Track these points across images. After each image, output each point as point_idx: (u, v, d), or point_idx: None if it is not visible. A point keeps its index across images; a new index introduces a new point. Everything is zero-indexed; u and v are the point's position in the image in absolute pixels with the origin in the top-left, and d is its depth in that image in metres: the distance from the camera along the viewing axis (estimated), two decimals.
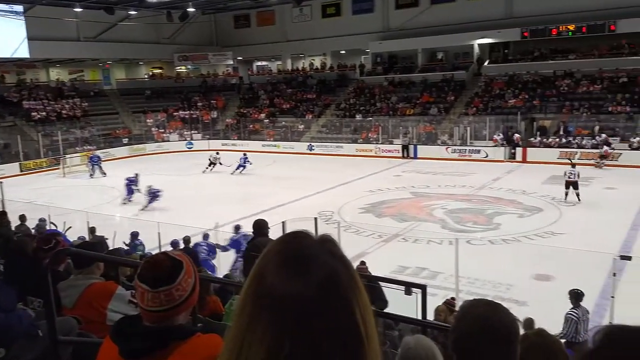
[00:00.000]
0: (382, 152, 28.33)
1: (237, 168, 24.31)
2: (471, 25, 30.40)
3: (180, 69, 42.29)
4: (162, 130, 35.13)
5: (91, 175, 24.78)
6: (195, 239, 11.38)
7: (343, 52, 38.72)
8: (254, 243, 6.18)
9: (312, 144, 31.12)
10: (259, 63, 44.68)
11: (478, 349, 1.13)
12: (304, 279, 0.78)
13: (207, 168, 25.28)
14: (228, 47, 41.09)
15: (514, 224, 14.36)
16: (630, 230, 13.18)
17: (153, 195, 17.19)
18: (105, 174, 24.84)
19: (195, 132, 35.48)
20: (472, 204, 16.85)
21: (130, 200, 18.23)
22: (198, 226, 12.65)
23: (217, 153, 26.36)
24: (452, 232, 13.20)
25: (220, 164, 24.95)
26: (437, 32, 31.33)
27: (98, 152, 27.38)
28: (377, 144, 29.19)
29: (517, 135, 25.26)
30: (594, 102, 25.85)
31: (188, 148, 34.03)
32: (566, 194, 16.37)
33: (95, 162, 25.27)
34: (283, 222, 9.07)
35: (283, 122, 34.34)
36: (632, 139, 22.76)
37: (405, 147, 27.66)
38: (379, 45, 34.61)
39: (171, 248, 9.94)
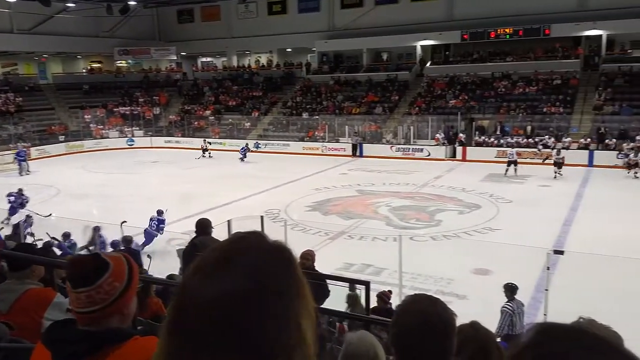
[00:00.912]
0: (328, 151, 28.51)
1: (243, 156, 25.91)
2: (414, 27, 31.12)
3: (121, 63, 40.96)
4: (101, 127, 33.92)
5: (20, 173, 23.56)
6: (138, 239, 11.08)
7: (289, 50, 38.68)
8: (193, 242, 6.08)
9: (259, 141, 30.92)
10: (204, 59, 43.96)
11: (417, 343, 1.16)
12: (225, 280, 0.73)
13: (202, 155, 27.25)
14: (171, 42, 40.18)
15: (454, 220, 14.81)
16: (563, 226, 13.87)
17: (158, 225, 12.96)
18: (29, 172, 23.64)
19: (137, 128, 34.45)
20: (415, 201, 17.25)
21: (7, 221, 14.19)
22: (139, 225, 12.32)
23: (205, 140, 28.56)
24: (396, 229, 13.46)
25: (209, 154, 26.74)
26: (382, 33, 31.88)
27: (25, 148, 25.95)
28: (323, 142, 29.35)
29: (461, 135, 26.06)
30: (530, 103, 27.05)
31: (129, 145, 33.01)
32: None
33: (21, 157, 24.03)
34: (228, 221, 8.96)
35: (230, 120, 33.93)
36: (564, 139, 23.95)
37: (355, 146, 27.82)
38: (324, 44, 34.81)
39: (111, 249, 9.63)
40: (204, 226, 5.79)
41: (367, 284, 4.35)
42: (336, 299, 6.17)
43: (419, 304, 1.29)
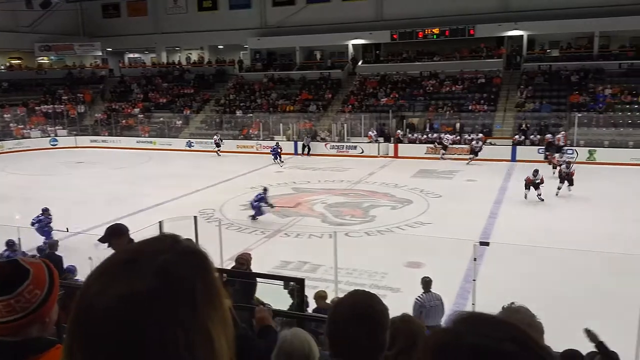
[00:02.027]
0: (263, 149, 28.35)
1: (276, 158, 24.47)
2: (345, 26, 31.56)
3: (42, 59, 38.78)
4: (22, 126, 32.01)
5: None
6: (64, 243, 10.56)
7: (221, 47, 38.11)
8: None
9: (191, 140, 30.28)
10: (131, 55, 42.46)
11: (350, 336, 1.19)
12: (129, 283, 0.70)
13: (217, 151, 27.12)
14: (96, 38, 38.52)
15: (387, 215, 15.18)
16: (489, 219, 14.55)
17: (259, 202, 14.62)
18: None
19: (60, 127, 32.78)
20: (350, 198, 17.52)
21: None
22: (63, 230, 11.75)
23: (217, 135, 28.32)
24: (332, 226, 13.63)
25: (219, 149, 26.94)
26: (314, 31, 32.10)
27: None
28: (258, 140, 29.17)
29: (398, 132, 26.69)
30: (456, 101, 28.14)
31: (52, 145, 31.36)
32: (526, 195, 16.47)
33: None
34: (160, 222, 8.73)
35: (161, 118, 32.98)
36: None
37: (305, 146, 27.25)
38: (257, 41, 34.59)
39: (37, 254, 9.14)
40: (115, 233, 4.62)
41: (301, 281, 4.39)
42: (278, 298, 6.17)
43: (353, 298, 1.33)
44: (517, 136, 24.56)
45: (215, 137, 28.17)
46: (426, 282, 7.59)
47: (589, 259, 10.73)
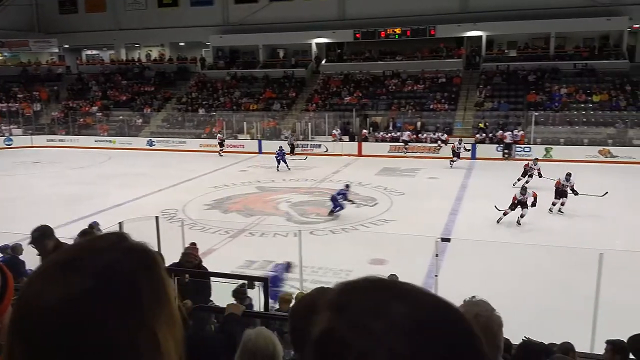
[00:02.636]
0: (227, 147, 28.06)
1: (279, 163, 22.07)
2: (308, 25, 31.58)
3: None
4: None
5: None
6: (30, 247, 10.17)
7: (182, 44, 37.54)
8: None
9: (153, 139, 29.72)
10: (89, 52, 41.34)
11: (308, 331, 1.20)
12: (71, 282, 0.68)
13: (220, 151, 26.30)
14: (53, 34, 37.33)
15: (352, 213, 15.27)
16: (450, 215, 14.83)
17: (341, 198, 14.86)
18: None
19: (15, 126, 31.63)
20: (315, 196, 17.55)
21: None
22: (22, 232, 11.34)
23: (220, 133, 27.40)
24: (297, 225, 13.63)
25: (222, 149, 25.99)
26: (277, 29, 31.99)
27: None
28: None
29: (364, 130, 26.86)
30: (418, 100, 28.56)
31: (7, 145, 30.23)
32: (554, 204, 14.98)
33: None
34: (120, 223, 8.55)
35: (121, 117, 32.24)
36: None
37: (293, 146, 26.28)
38: (219, 39, 34.22)
39: None
40: (41, 235, 4.24)
41: (265, 280, 4.38)
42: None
43: (312, 296, 1.34)
44: (478, 135, 25.11)
45: (219, 135, 27.45)
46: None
47: (547, 253, 11.08)
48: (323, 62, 33.30)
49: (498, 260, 10.92)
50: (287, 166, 21.95)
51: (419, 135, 26.08)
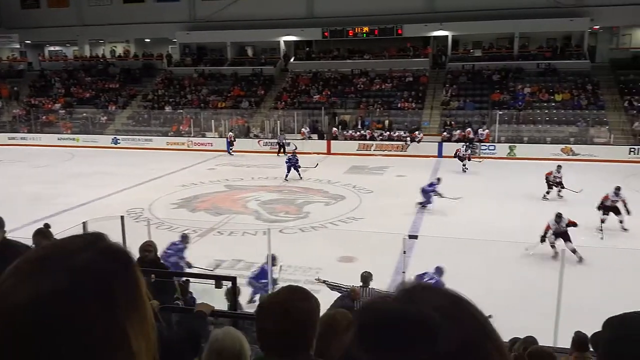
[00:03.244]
0: (194, 146, 27.77)
1: (289, 171, 19.48)
2: (277, 22, 31.47)
3: None
4: None
5: None
6: None
7: (148, 40, 36.90)
8: None
9: (118, 137, 29.12)
10: (52, 48, 40.20)
11: (276, 332, 1.20)
12: (41, 282, 0.67)
13: (230, 150, 25.51)
14: (14, 29, 36.11)
15: (321, 211, 15.32)
16: (418, 213, 15.02)
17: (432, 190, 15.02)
18: None
19: None
20: (284, 194, 17.53)
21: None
22: None
23: (231, 131, 26.98)
24: (266, 223, 13.56)
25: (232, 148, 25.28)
26: (245, 27, 31.77)
27: None
28: (189, 137, 28.51)
29: (335, 129, 26.89)
30: (386, 98, 28.80)
31: None
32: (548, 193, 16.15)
33: None
34: (84, 223, 8.35)
35: (84, 114, 31.48)
36: (417, 133, 25.93)
37: (282, 146, 25.31)
38: (186, 35, 33.77)
39: None
40: None
41: (233, 279, 4.35)
42: (203, 296, 6.08)
43: (277, 295, 1.33)
44: (445, 133, 25.49)
45: (229, 133, 26.85)
46: (364, 277, 7.74)
47: (513, 249, 11.33)
48: (292, 60, 33.23)
49: (465, 256, 11.11)
50: (299, 175, 19.46)
51: (391, 133, 26.31)
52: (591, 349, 4.41)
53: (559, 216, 11.17)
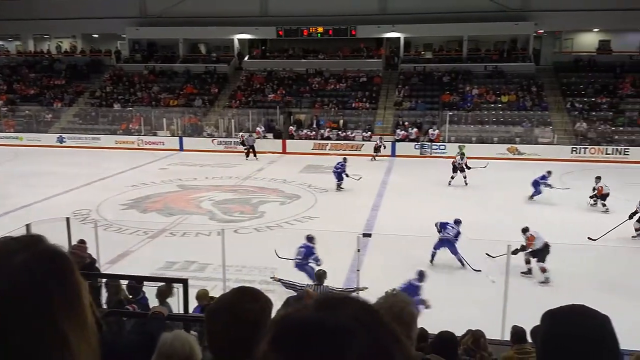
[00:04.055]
0: (145, 145, 27.10)
1: (341, 179, 18.04)
2: (230, 20, 31.13)
3: None
4: None
5: None
6: None
7: (96, 35, 35.76)
8: None
9: (63, 135, 28.06)
10: None
11: (225, 335, 1.19)
12: None
13: (247, 151, 23.96)
14: None
15: (276, 211, 15.27)
16: (372, 211, 15.20)
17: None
18: None
19: None
20: (239, 194, 17.37)
21: None
22: None
23: (242, 132, 25.57)
24: (220, 223, 13.40)
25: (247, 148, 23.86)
26: (198, 23, 31.28)
27: None
28: (139, 135, 27.79)
29: (291, 128, 26.77)
30: (340, 98, 29.01)
31: None
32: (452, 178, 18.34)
33: None
34: (27, 225, 8.01)
35: (27, 111, 30.15)
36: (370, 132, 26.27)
37: (251, 147, 24.30)
38: (136, 31, 32.93)
39: None
40: None
41: (184, 281, 4.27)
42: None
43: (225, 296, 1.32)
44: (398, 130, 25.90)
45: (242, 133, 25.67)
46: (319, 275, 7.82)
47: (463, 246, 11.62)
48: (246, 58, 32.95)
49: (417, 253, 11.33)
50: (340, 184, 18.08)
51: (346, 133, 26.50)
52: (530, 341, 4.59)
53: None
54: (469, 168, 18.17)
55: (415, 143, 25.24)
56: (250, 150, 24.17)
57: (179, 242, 12.57)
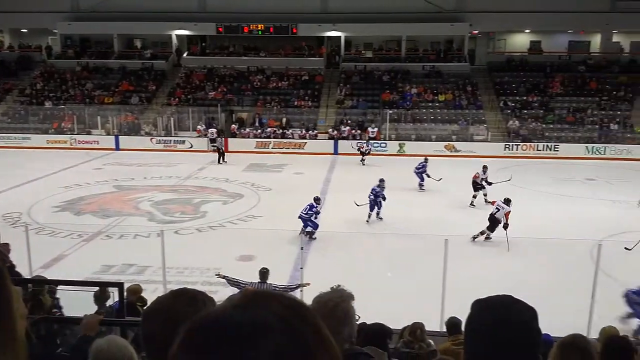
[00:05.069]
0: (78, 144, 26.00)
1: (423, 179, 17.77)
2: (168, 15, 30.39)
3: None
4: None
5: None
6: None
7: (25, 30, 33.95)
8: None
9: None
10: None
11: (161, 338, 1.16)
12: None
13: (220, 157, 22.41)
14: None
15: (219, 210, 15.07)
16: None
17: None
18: None
19: None
20: (179, 194, 17.00)
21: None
22: None
23: (220, 136, 24.12)
24: (160, 224, 13.08)
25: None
26: (134, 19, 30.29)
27: None
28: (72, 134, 26.62)
29: (233, 126, 26.32)
30: (283, 96, 28.95)
31: None
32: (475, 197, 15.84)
33: None
34: None
35: None
36: (313, 131, 26.39)
37: (220, 150, 22.96)
38: (68, 26, 31.51)
39: None
40: None
41: (120, 285, 4.15)
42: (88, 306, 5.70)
43: (162, 301, 1.29)
44: (331, 130, 26.09)
45: (211, 129, 23.46)
46: (262, 273, 7.80)
47: (403, 241, 11.93)
48: (185, 55, 32.25)
49: (359, 249, 11.52)
50: (434, 178, 17.60)
51: (287, 131, 26.46)
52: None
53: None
54: (490, 184, 15.72)
55: (358, 141, 25.56)
56: (219, 151, 22.92)
57: (116, 244, 12.18)
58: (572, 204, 15.92)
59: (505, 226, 11.68)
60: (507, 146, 25.06)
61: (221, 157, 22.61)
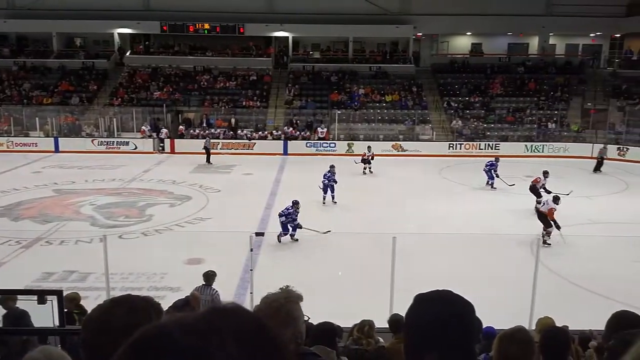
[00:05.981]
0: (15, 147, 24.79)
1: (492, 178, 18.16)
2: (110, 13, 29.49)
3: None
4: None
5: None
6: None
7: None
8: None
9: None
10: None
11: (98, 345, 1.13)
12: None
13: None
14: None
15: (165, 213, 14.73)
16: (265, 210, 15.18)
17: None
18: None
19: None
20: (123, 197, 16.52)
21: None
22: None
23: (208, 138, 23.37)
24: (103, 229, 12.66)
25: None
26: (73, 17, 29.20)
27: None
28: (9, 137, 25.35)
29: (164, 130, 25.57)
30: (231, 97, 28.63)
31: None
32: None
33: None
34: None
35: None
36: (263, 132, 26.24)
37: (207, 150, 22.75)
38: (3, 24, 30.02)
39: None
40: None
41: (59, 293, 3.99)
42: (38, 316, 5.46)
43: (102, 308, 1.26)
44: (275, 131, 25.98)
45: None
46: (208, 276, 7.65)
47: (354, 239, 12.04)
48: (127, 54, 31.34)
49: (309, 249, 11.56)
50: (491, 183, 18.15)
51: (237, 132, 26.18)
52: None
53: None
54: (548, 192, 14.57)
55: (308, 142, 25.64)
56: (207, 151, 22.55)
57: (57, 251, 11.70)
58: (515, 199, 16.55)
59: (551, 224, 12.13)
60: (451, 145, 25.78)
61: (208, 157, 22.48)
